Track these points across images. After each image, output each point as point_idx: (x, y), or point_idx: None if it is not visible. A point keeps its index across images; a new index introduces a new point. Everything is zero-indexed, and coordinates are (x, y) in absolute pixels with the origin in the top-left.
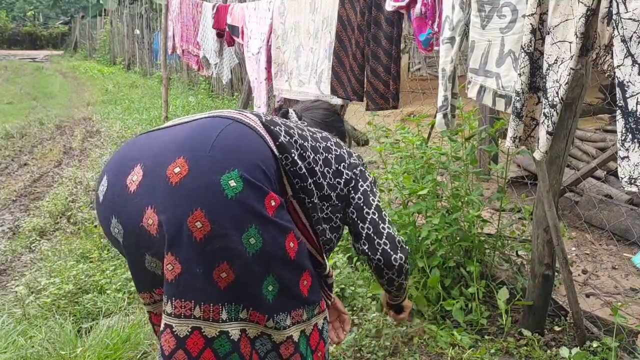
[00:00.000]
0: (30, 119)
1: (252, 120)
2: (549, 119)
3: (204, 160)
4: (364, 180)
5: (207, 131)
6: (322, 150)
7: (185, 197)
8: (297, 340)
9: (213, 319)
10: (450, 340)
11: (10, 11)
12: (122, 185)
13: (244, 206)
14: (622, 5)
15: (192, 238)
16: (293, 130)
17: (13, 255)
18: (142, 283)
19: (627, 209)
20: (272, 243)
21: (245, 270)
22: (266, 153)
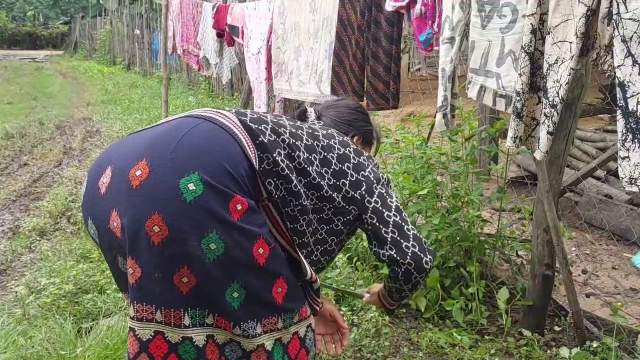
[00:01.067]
0: (30, 119)
1: (227, 119)
2: (550, 119)
3: (165, 163)
4: (377, 182)
5: (174, 132)
6: (321, 150)
7: (144, 200)
8: (271, 349)
9: (175, 324)
10: (450, 340)
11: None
12: (95, 187)
13: (203, 210)
14: (622, 5)
15: (150, 242)
16: (284, 129)
17: (13, 255)
18: (121, 283)
19: (627, 209)
20: (236, 249)
21: (206, 276)
22: (235, 153)
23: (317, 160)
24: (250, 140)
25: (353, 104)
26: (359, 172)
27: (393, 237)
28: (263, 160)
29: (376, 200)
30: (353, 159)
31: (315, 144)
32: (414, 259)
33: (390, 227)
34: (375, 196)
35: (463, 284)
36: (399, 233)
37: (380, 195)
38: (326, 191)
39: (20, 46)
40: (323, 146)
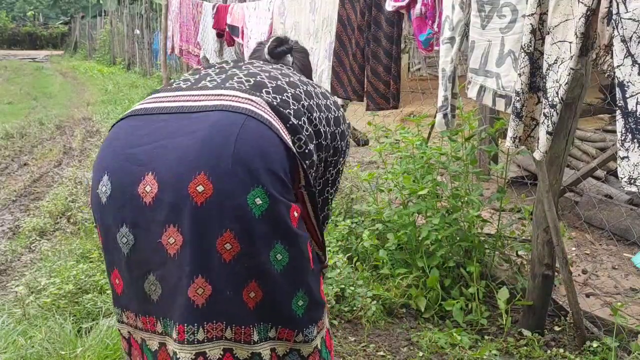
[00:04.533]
0: (30, 119)
1: (261, 109)
2: (549, 119)
3: (227, 178)
4: (343, 138)
5: (223, 136)
6: (325, 109)
7: (213, 218)
8: (320, 348)
9: (244, 340)
10: (450, 340)
11: (10, 11)
12: (133, 194)
13: (270, 223)
14: (622, 5)
15: (222, 260)
16: (300, 94)
17: (13, 255)
18: (132, 303)
19: (627, 209)
20: (298, 257)
21: (274, 288)
22: (282, 155)
23: (323, 119)
24: (284, 127)
25: (303, 48)
26: (338, 125)
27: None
28: (295, 143)
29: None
30: (334, 111)
31: (320, 103)
32: None
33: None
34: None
35: (463, 284)
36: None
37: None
38: (330, 153)
39: (20, 46)
40: (325, 105)
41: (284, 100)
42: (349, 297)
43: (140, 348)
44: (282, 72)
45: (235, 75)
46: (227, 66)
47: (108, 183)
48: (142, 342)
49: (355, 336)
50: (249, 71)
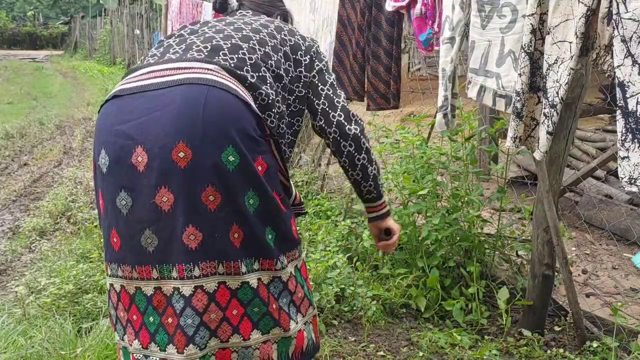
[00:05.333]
0: (30, 119)
1: (221, 76)
2: (549, 119)
3: (201, 143)
4: (320, 60)
5: (192, 108)
6: (280, 46)
7: (196, 177)
8: (294, 274)
9: (234, 273)
10: (450, 340)
11: (10, 11)
12: (128, 164)
13: (243, 174)
14: (622, 5)
15: (208, 209)
16: (254, 46)
17: (13, 255)
18: (129, 257)
19: (627, 209)
20: (266, 202)
21: (250, 227)
22: (246, 114)
23: (282, 59)
24: (242, 87)
25: None
26: (308, 55)
27: (323, 109)
28: (257, 98)
29: (314, 75)
30: (302, 44)
31: (275, 43)
32: (338, 127)
33: (322, 99)
34: (315, 71)
35: (463, 284)
36: (329, 104)
37: (319, 71)
38: (292, 85)
39: (21, 46)
40: (280, 41)
41: (240, 59)
42: (349, 297)
43: (131, 299)
44: (236, 27)
45: (194, 43)
46: (186, 33)
47: (106, 156)
48: (134, 292)
49: (355, 336)
50: (205, 36)
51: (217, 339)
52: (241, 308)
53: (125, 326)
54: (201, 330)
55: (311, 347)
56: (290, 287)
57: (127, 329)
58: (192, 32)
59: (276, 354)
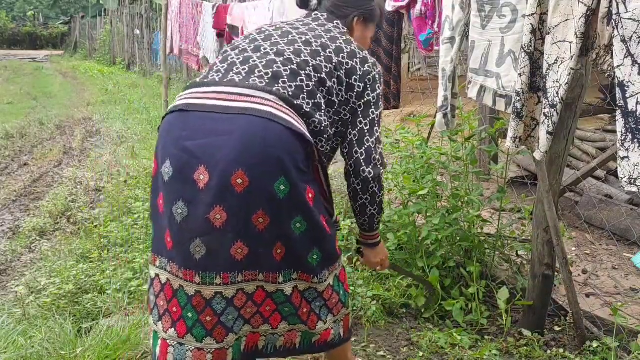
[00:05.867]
0: (30, 119)
1: (279, 109)
2: (550, 119)
3: (258, 173)
4: (372, 90)
5: (253, 140)
6: (335, 70)
7: (249, 202)
8: (332, 283)
9: (272, 281)
10: (450, 340)
11: (10, 11)
12: (191, 179)
13: (292, 202)
14: (622, 5)
15: (257, 229)
16: (310, 73)
17: (13, 255)
18: (178, 258)
19: (627, 209)
20: (314, 226)
21: (294, 246)
22: (299, 147)
23: (336, 84)
24: (298, 117)
25: None
26: (362, 81)
27: (351, 139)
28: (310, 125)
29: (360, 104)
30: (359, 70)
31: (332, 68)
32: (354, 163)
33: (355, 131)
34: (362, 101)
35: (463, 284)
36: (358, 138)
37: (366, 103)
38: (338, 108)
39: (21, 46)
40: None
41: (297, 87)
42: (349, 297)
43: (173, 293)
44: (295, 49)
45: (256, 67)
46: (250, 48)
47: (170, 167)
48: (178, 288)
49: (355, 336)
50: (267, 59)
51: (250, 326)
52: (273, 305)
53: (163, 314)
54: (238, 321)
55: (337, 340)
56: (325, 296)
57: (164, 317)
58: (254, 48)
59: (299, 340)
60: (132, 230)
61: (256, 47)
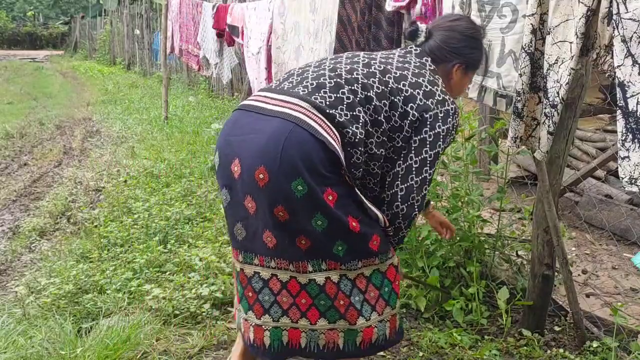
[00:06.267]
0: (30, 119)
1: (309, 115)
2: (550, 119)
3: (276, 171)
4: (431, 128)
5: (276, 140)
6: (389, 95)
7: (270, 196)
8: (369, 275)
9: (302, 271)
10: (450, 340)
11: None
12: (229, 170)
13: (310, 202)
14: (622, 5)
15: (279, 220)
16: (356, 89)
17: (13, 255)
18: (233, 241)
19: (627, 209)
20: (336, 224)
21: (317, 240)
22: (320, 153)
23: (386, 106)
24: (329, 127)
25: (466, 27)
26: (419, 112)
27: (396, 172)
28: (344, 135)
29: (415, 140)
30: (419, 100)
31: (384, 91)
32: (391, 198)
33: (403, 165)
34: (418, 136)
35: (463, 284)
36: (403, 174)
37: (422, 140)
38: (390, 129)
39: (21, 46)
40: (391, 90)
41: (337, 99)
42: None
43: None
44: (350, 68)
45: (307, 78)
46: (314, 64)
47: (217, 158)
48: (234, 266)
49: None
50: (319, 72)
51: (288, 318)
52: (309, 299)
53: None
54: (274, 306)
55: (382, 341)
56: (360, 286)
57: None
58: (317, 64)
59: (342, 341)
60: (132, 230)
61: (319, 63)
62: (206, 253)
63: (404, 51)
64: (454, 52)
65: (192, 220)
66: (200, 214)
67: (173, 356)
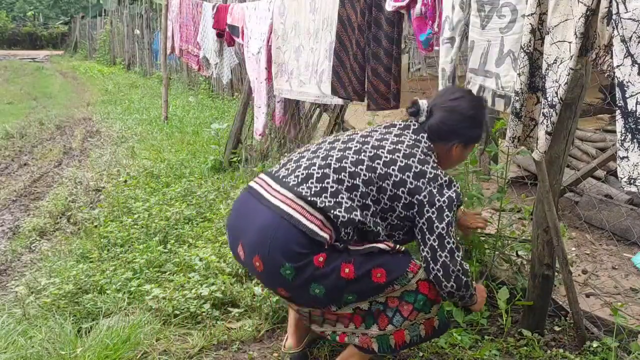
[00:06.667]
0: (30, 119)
1: (294, 207)
2: (548, 119)
3: (268, 260)
4: (431, 205)
5: (266, 233)
6: (377, 180)
7: (268, 279)
8: (399, 295)
9: (328, 311)
10: (450, 340)
11: (10, 11)
12: (237, 252)
13: (302, 279)
14: (621, 5)
15: (284, 296)
16: (343, 178)
17: (13, 255)
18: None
19: (627, 209)
20: (333, 284)
21: (325, 302)
22: (303, 240)
23: (373, 191)
24: (311, 215)
25: (467, 106)
26: (413, 196)
27: (425, 256)
28: (329, 217)
29: (423, 222)
30: (409, 183)
31: (372, 177)
32: (435, 279)
33: (427, 248)
34: (424, 218)
35: None
36: (432, 255)
37: (428, 219)
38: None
39: (21, 46)
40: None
41: (322, 188)
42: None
43: None
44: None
45: (299, 168)
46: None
47: (228, 236)
48: None
49: None
50: (310, 162)
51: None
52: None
53: None
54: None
55: (417, 340)
56: (391, 305)
57: None
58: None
59: (376, 346)
60: (132, 230)
61: (316, 149)
62: (206, 253)
63: (404, 125)
64: (454, 132)
65: (192, 220)
66: (200, 214)
67: (173, 356)
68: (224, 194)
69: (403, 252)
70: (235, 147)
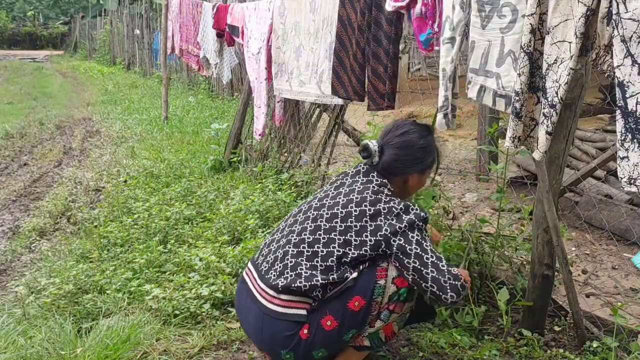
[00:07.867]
0: (30, 119)
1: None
2: (549, 119)
3: (270, 352)
4: (394, 234)
5: (256, 329)
6: (340, 235)
7: None
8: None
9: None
10: (450, 340)
11: (10, 11)
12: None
13: (300, 354)
14: (622, 5)
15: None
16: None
17: (13, 255)
18: None
19: (627, 209)
20: (326, 340)
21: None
22: (285, 327)
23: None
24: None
25: (416, 137)
26: (375, 236)
27: (414, 279)
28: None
29: (396, 251)
30: (369, 228)
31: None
32: (433, 295)
33: (410, 272)
34: (394, 248)
35: None
36: (418, 276)
37: (400, 247)
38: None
39: (21, 46)
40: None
41: (297, 274)
42: None
43: None
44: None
45: (276, 260)
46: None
47: (237, 315)
48: None
49: None
50: (284, 250)
51: None
52: None
53: None
54: None
55: (402, 324)
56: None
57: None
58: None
59: (368, 342)
60: (131, 230)
61: (284, 226)
62: (206, 253)
63: (354, 171)
64: (408, 167)
65: (192, 220)
66: (200, 214)
67: (173, 356)
68: (224, 194)
69: (368, 266)
70: (235, 147)
